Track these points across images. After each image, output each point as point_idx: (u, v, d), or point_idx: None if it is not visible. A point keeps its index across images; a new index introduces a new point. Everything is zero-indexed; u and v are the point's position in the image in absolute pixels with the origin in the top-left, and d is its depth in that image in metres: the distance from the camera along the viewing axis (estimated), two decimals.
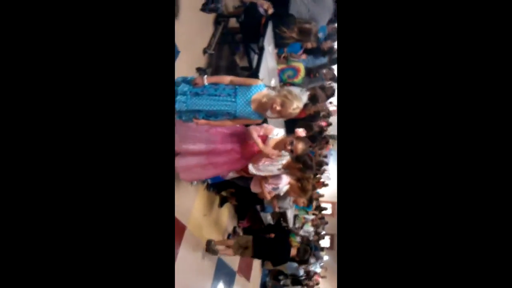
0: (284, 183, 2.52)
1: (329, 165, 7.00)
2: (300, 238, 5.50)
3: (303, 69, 3.75)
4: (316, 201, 7.01)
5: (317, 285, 7.63)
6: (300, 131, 2.34)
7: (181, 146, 2.13)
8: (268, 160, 2.27)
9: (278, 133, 2.24)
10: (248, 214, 4.30)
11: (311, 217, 7.00)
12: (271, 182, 2.46)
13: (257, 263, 5.35)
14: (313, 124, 4.22)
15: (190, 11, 2.73)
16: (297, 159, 2.20)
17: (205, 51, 3.08)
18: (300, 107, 1.83)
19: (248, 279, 4.81)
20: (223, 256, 3.77)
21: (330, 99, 4.42)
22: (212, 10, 2.77)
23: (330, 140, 6.70)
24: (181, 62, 2.65)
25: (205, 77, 1.82)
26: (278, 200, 2.98)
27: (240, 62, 3.84)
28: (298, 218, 6.61)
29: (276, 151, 2.17)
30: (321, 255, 7.25)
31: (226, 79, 1.86)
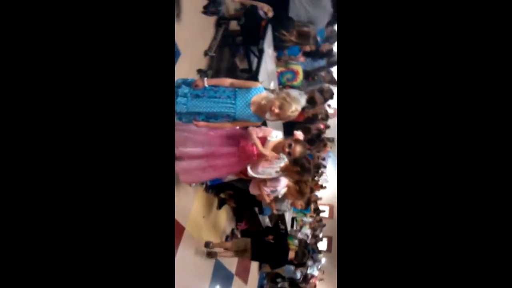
0: (282, 185, 2.53)
1: (327, 168, 7.02)
2: (298, 241, 5.50)
3: (301, 72, 3.77)
4: (314, 204, 7.02)
5: None
6: (298, 134, 2.35)
7: (181, 149, 2.14)
8: (267, 163, 2.28)
9: (276, 135, 2.26)
10: (246, 216, 4.30)
11: (309, 219, 7.00)
12: (270, 185, 2.47)
13: (255, 266, 5.34)
14: (311, 127, 4.23)
15: (191, 13, 2.75)
16: (295, 162, 2.21)
17: (206, 53, 3.10)
18: (299, 110, 1.84)
19: (245, 281, 4.80)
20: (221, 258, 3.77)
21: (328, 101, 4.44)
22: (213, 13, 2.79)
23: (328, 143, 6.72)
24: (182, 63, 2.66)
25: (205, 79, 1.84)
26: (276, 203, 2.98)
27: (240, 65, 3.86)
28: (296, 221, 6.62)
29: (274, 153, 2.18)
30: (319, 257, 7.25)
31: (226, 81, 1.87)
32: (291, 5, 3.36)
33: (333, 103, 4.87)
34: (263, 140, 2.20)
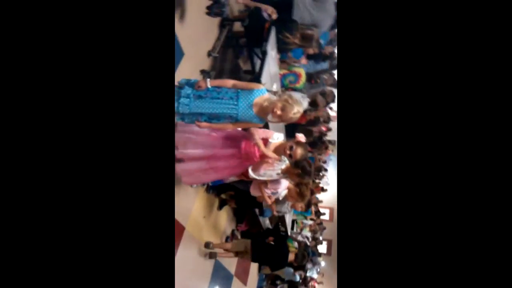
0: (283, 187, 2.53)
1: (328, 171, 7.01)
2: (297, 243, 5.50)
3: (304, 74, 3.78)
4: (315, 206, 7.01)
5: None
6: (300, 136, 2.35)
7: (182, 150, 2.15)
8: (268, 165, 2.29)
9: (278, 137, 2.26)
10: (247, 217, 4.30)
11: (309, 222, 6.99)
12: (270, 187, 2.47)
13: (254, 268, 5.33)
14: (313, 129, 4.23)
15: (195, 14, 2.76)
16: (296, 165, 2.21)
17: (209, 54, 3.11)
18: (301, 112, 1.85)
19: (245, 283, 4.79)
20: (221, 259, 3.77)
21: (331, 104, 4.45)
22: (217, 14, 2.80)
23: (329, 146, 6.71)
24: (185, 64, 2.67)
25: (208, 80, 1.85)
26: (277, 204, 2.98)
27: (243, 66, 3.87)
28: (297, 223, 6.61)
29: (276, 155, 2.18)
30: (318, 260, 7.23)
31: (229, 82, 1.88)
32: (295, 8, 3.37)
33: (335, 105, 4.87)
34: (265, 142, 2.20)
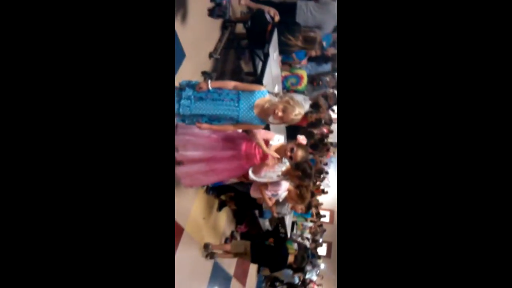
0: (283, 189, 2.53)
1: (329, 173, 7.00)
2: (297, 245, 5.49)
3: (306, 76, 3.78)
4: (316, 209, 6.99)
5: None
6: (301, 138, 2.35)
7: (182, 152, 2.15)
8: (269, 167, 2.29)
9: (278, 139, 2.26)
10: (246, 219, 4.29)
11: (310, 224, 6.98)
12: (271, 189, 2.47)
13: (253, 269, 5.33)
14: (315, 131, 4.23)
15: (197, 16, 2.77)
16: (296, 167, 2.21)
17: (211, 55, 3.11)
18: (302, 114, 1.85)
19: (244, 284, 4.79)
20: (220, 260, 3.76)
21: (333, 107, 4.44)
22: (219, 15, 2.81)
23: (331, 148, 6.70)
24: (187, 65, 2.68)
25: (209, 82, 1.85)
26: (277, 206, 2.98)
27: (245, 68, 3.88)
28: (297, 225, 6.60)
29: (277, 155, 2.18)
30: (318, 262, 7.21)
31: (230, 84, 1.88)
32: (298, 11, 3.37)
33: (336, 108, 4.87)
34: (265, 144, 2.20)
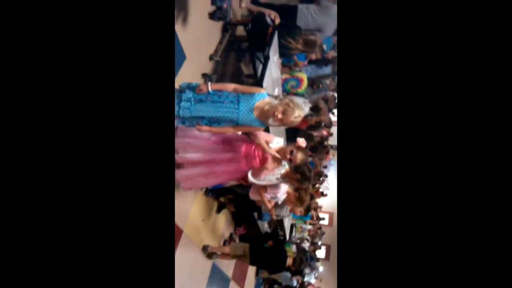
0: (282, 192, 2.53)
1: (328, 176, 7.00)
2: (296, 247, 5.48)
3: (306, 79, 3.79)
4: (315, 211, 6.99)
5: None
6: (301, 141, 2.35)
7: (181, 154, 2.15)
8: (268, 171, 2.29)
9: (278, 142, 2.27)
10: (245, 221, 4.29)
11: (309, 227, 6.97)
12: (270, 191, 2.47)
13: (252, 272, 5.32)
14: (314, 134, 4.24)
15: (198, 18, 2.77)
16: (295, 169, 2.21)
17: (211, 57, 3.12)
18: (302, 116, 1.85)
19: (242, 287, 4.78)
20: (218, 262, 3.76)
21: (333, 110, 4.46)
22: (220, 18, 2.81)
23: (331, 150, 6.71)
24: (187, 67, 2.68)
25: (209, 84, 1.85)
26: (276, 208, 2.98)
27: (245, 70, 3.88)
28: (296, 227, 6.59)
29: (278, 155, 2.19)
30: (316, 265, 7.20)
31: (230, 86, 1.88)
32: (299, 14, 3.38)
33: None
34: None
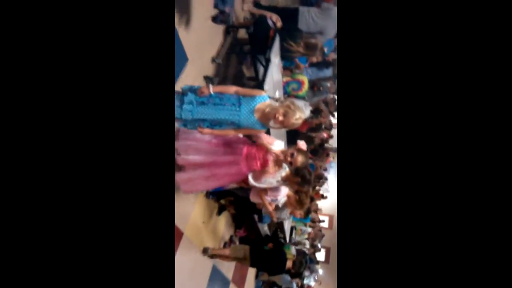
0: (282, 194, 2.53)
1: (328, 178, 7.00)
2: (295, 250, 5.48)
3: (307, 82, 3.81)
4: (315, 214, 6.98)
5: None
6: (302, 144, 2.36)
7: (183, 156, 2.16)
8: (269, 174, 2.29)
9: (279, 144, 2.27)
10: (246, 223, 4.29)
11: (308, 229, 6.97)
12: (270, 194, 2.47)
13: (251, 274, 5.31)
14: (315, 137, 4.25)
15: (201, 20, 2.79)
16: (296, 172, 2.22)
17: (213, 60, 3.13)
18: (303, 118, 1.86)
19: None
20: (218, 264, 3.76)
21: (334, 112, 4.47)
22: (222, 21, 2.83)
23: (331, 153, 6.71)
24: (189, 69, 2.70)
25: (211, 86, 1.87)
26: (276, 211, 2.98)
27: (247, 73, 3.90)
28: (296, 230, 6.59)
29: (280, 153, 2.19)
30: (316, 268, 7.18)
31: (231, 89, 1.89)
32: (300, 17, 3.40)
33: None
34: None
